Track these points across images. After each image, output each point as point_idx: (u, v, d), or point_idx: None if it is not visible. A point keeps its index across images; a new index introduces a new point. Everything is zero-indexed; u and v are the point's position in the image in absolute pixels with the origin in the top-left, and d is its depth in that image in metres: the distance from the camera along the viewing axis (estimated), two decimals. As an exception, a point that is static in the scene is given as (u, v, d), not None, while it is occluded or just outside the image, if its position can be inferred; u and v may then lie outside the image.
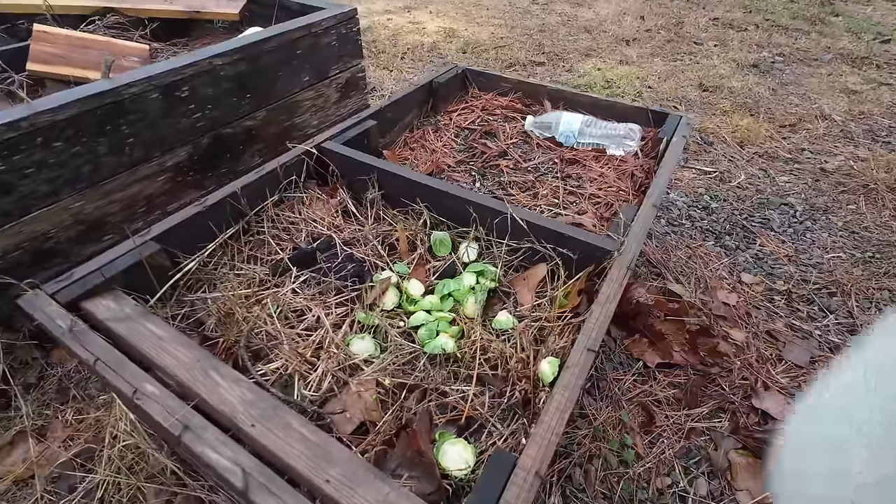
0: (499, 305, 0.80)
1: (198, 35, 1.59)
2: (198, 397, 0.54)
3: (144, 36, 1.47)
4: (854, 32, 3.38)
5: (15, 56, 1.25)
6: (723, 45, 3.12)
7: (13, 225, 0.91)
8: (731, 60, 2.87)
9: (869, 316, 1.23)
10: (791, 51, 3.05)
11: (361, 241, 0.89)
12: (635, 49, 3.02)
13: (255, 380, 0.63)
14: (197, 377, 0.56)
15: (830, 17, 3.68)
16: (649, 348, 1.12)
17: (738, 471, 0.90)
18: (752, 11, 3.79)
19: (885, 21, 3.61)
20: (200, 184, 1.23)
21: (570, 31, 3.24)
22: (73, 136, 0.94)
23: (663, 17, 3.57)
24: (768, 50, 3.05)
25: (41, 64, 1.23)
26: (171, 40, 1.54)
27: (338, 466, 0.48)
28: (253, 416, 0.52)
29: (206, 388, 0.55)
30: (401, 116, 1.24)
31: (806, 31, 3.37)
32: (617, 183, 0.99)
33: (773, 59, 2.92)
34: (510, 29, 3.25)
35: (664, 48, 3.06)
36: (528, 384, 0.65)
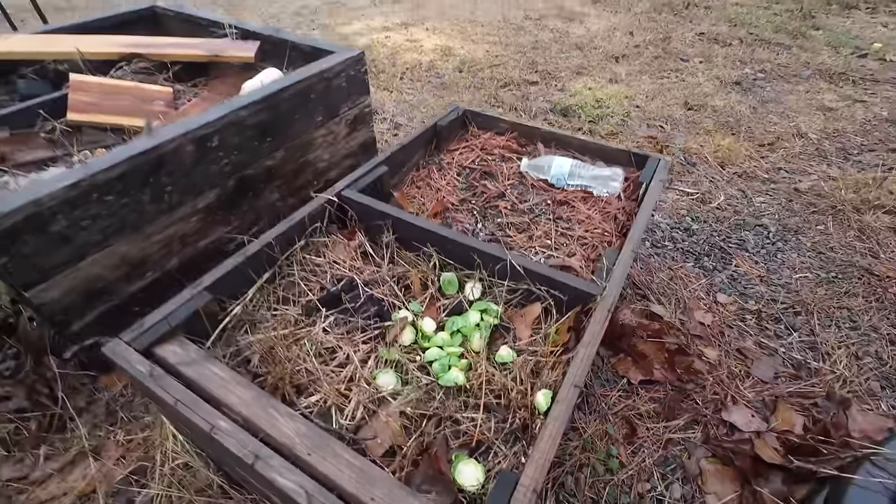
0: (500, 340, 0.94)
1: (216, 74, 1.70)
2: (262, 431, 0.67)
3: (167, 79, 1.58)
4: (833, 46, 3.53)
5: (55, 105, 1.37)
6: (707, 61, 3.27)
7: (71, 271, 1.03)
8: (714, 78, 3.01)
9: (829, 333, 1.38)
10: (772, 66, 3.20)
11: (379, 281, 1.02)
12: (624, 66, 3.16)
13: (301, 412, 0.76)
14: (259, 413, 0.69)
15: (811, 30, 3.83)
16: (633, 366, 1.26)
17: (707, 476, 1.05)
18: (737, 25, 3.94)
19: (863, 34, 3.77)
20: (227, 220, 1.35)
21: (562, 49, 3.37)
22: (123, 189, 1.06)
23: (651, 33, 3.71)
24: (751, 66, 3.20)
25: (79, 113, 1.34)
26: (192, 80, 1.66)
27: (379, 487, 0.62)
28: (308, 446, 0.66)
29: (267, 423, 0.68)
30: (408, 158, 1.37)
31: (787, 46, 3.52)
32: (602, 225, 1.13)
33: (755, 76, 3.07)
34: (504, 46, 3.37)
35: (652, 65, 3.20)
36: (526, 412, 0.79)
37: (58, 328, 1.09)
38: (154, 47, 1.61)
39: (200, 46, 1.64)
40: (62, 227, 0.98)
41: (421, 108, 2.63)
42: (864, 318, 1.42)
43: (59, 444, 1.11)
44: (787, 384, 1.23)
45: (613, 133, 2.43)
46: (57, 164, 1.27)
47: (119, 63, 1.56)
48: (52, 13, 3.81)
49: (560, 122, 2.51)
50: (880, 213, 1.83)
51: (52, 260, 0.99)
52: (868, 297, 1.49)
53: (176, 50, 1.60)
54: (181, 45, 1.65)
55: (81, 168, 1.00)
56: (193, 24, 1.88)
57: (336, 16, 3.97)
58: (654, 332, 1.29)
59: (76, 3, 4.24)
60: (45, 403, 1.16)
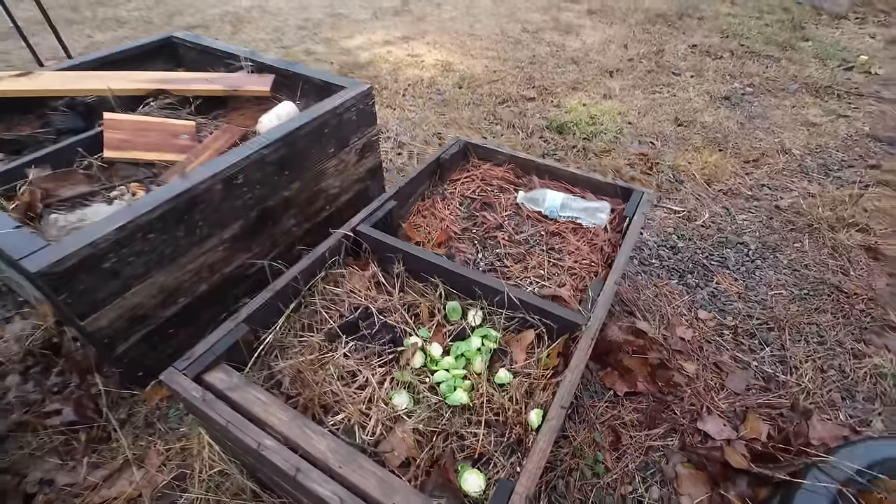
0: (499, 363, 1.07)
1: (233, 106, 1.83)
2: (300, 448, 0.81)
3: (190, 113, 1.71)
4: (821, 58, 3.66)
5: (91, 143, 1.49)
6: (699, 75, 3.39)
7: (117, 301, 1.16)
8: (705, 93, 3.14)
9: (798, 348, 1.51)
10: (761, 80, 3.32)
11: (392, 309, 1.16)
12: (618, 81, 3.28)
13: (329, 429, 0.89)
14: (296, 433, 0.83)
15: (801, 41, 3.95)
16: (619, 379, 1.40)
17: (682, 480, 1.18)
18: (728, 36, 4.05)
19: (851, 45, 3.89)
20: (248, 248, 1.49)
21: (559, 63, 3.49)
22: (162, 227, 1.19)
23: (645, 45, 3.82)
24: (740, 80, 3.32)
25: (114, 150, 1.47)
26: (212, 113, 1.78)
27: (398, 493, 0.75)
28: (339, 460, 0.79)
29: (304, 441, 0.81)
30: (414, 190, 1.49)
31: (776, 59, 3.64)
32: (590, 256, 1.26)
33: (744, 91, 3.19)
34: (503, 61, 3.49)
35: (645, 79, 3.32)
36: (521, 428, 0.92)
37: (104, 350, 1.22)
38: (177, 83, 1.73)
39: (219, 81, 1.76)
40: (112, 264, 1.12)
41: (423, 126, 2.75)
42: (832, 333, 1.55)
43: (106, 453, 1.25)
44: (757, 396, 1.37)
45: (606, 150, 2.55)
46: (96, 199, 1.39)
47: (146, 99, 1.68)
48: (63, 25, 3.91)
49: (555, 140, 2.63)
50: (853, 231, 1.96)
51: (102, 292, 1.12)
52: (836, 313, 1.62)
53: (197, 85, 1.73)
54: (201, 80, 1.77)
55: (127, 210, 1.13)
56: (209, 55, 2.00)
57: (338, 29, 4.08)
58: (639, 348, 1.42)
59: (85, 16, 4.34)
60: (91, 416, 1.30)
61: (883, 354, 1.48)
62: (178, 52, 2.10)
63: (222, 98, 1.81)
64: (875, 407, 1.35)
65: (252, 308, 1.03)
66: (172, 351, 1.36)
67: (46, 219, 1.27)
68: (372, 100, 1.76)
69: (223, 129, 1.68)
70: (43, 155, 1.42)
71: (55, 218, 1.26)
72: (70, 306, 1.07)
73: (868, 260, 1.84)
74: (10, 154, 1.59)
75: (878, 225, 2.00)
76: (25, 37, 2.85)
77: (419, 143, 2.61)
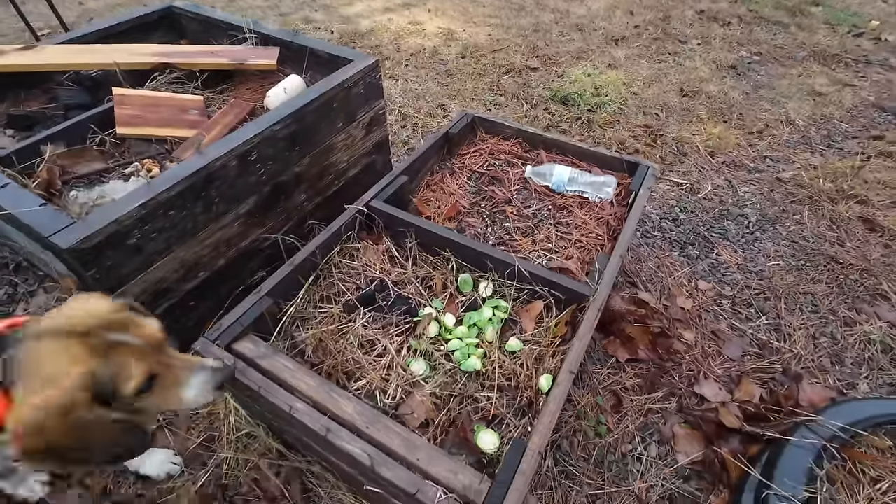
0: (510, 332, 1.13)
1: (240, 80, 1.82)
2: (328, 411, 0.87)
3: (197, 87, 1.71)
4: (831, 24, 3.58)
5: (102, 119, 1.50)
6: (706, 42, 3.33)
7: (141, 276, 1.21)
8: (711, 62, 3.10)
9: (792, 317, 1.58)
10: (769, 48, 3.27)
11: (406, 282, 1.21)
12: (623, 49, 3.23)
13: (353, 394, 0.96)
14: (324, 397, 0.89)
15: (811, 6, 3.86)
16: (621, 347, 1.46)
17: (679, 439, 1.27)
18: (737, 1, 3.96)
19: (862, 10, 3.80)
20: (262, 223, 1.52)
21: (563, 31, 3.42)
22: (182, 203, 1.22)
23: (651, 11, 3.74)
24: (747, 48, 3.27)
25: (126, 127, 1.48)
26: (219, 87, 1.78)
27: (421, 450, 0.82)
28: (365, 422, 0.86)
29: (332, 404, 0.88)
30: (424, 164, 1.52)
31: (785, 25, 3.57)
32: (596, 230, 1.30)
33: (751, 60, 3.15)
34: (506, 29, 3.42)
35: (650, 48, 3.27)
36: (532, 392, 0.99)
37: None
38: (181, 56, 1.72)
39: (224, 54, 1.75)
40: (136, 240, 1.15)
41: (426, 98, 2.73)
42: (825, 302, 1.62)
43: (138, 418, 1.32)
44: (752, 362, 1.44)
45: (610, 122, 2.55)
46: (112, 176, 1.42)
47: (152, 73, 1.67)
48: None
49: (559, 111, 2.62)
50: (852, 203, 2.00)
51: (128, 268, 1.17)
52: (831, 283, 1.68)
53: (202, 59, 1.72)
54: (206, 53, 1.76)
55: (148, 188, 1.16)
56: (211, 26, 1.97)
57: (337, -6, 3.97)
58: (641, 318, 1.48)
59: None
60: (120, 384, 1.36)
61: (873, 322, 1.55)
62: (179, 23, 2.07)
63: (228, 71, 1.80)
64: (862, 371, 1.43)
65: (274, 281, 1.08)
66: (193, 323, 1.42)
67: (66, 196, 1.30)
68: (378, 73, 1.75)
69: (231, 103, 1.69)
70: (56, 132, 1.43)
71: (75, 195, 1.29)
72: (98, 281, 1.12)
73: (865, 231, 1.89)
74: (20, 130, 1.60)
75: (877, 196, 2.04)
76: (18, 5, 2.78)
77: (423, 115, 2.60)
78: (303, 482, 1.17)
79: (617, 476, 1.22)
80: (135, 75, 1.67)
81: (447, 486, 0.78)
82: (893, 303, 1.61)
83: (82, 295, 0.75)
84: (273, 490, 1.14)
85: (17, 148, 1.36)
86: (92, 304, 0.72)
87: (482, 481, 0.79)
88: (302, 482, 1.17)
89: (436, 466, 0.80)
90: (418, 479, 0.78)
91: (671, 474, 1.22)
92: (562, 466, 1.23)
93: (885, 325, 1.54)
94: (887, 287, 1.66)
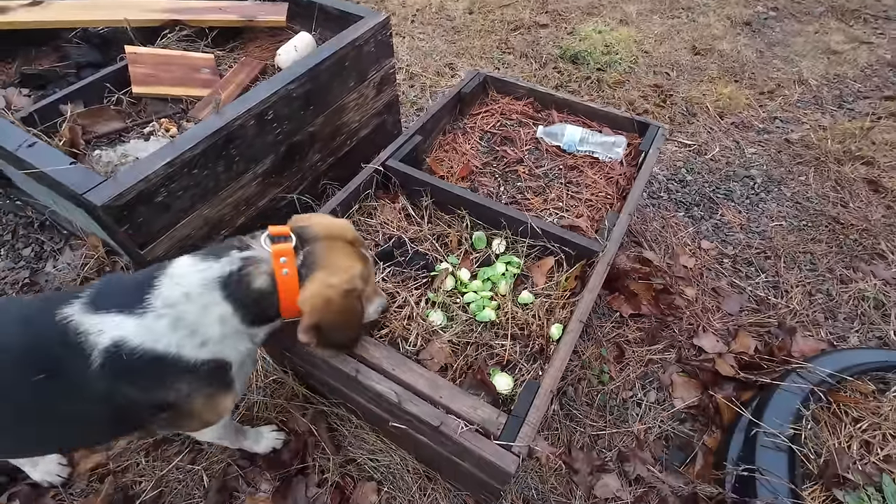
0: (522, 286, 1.19)
1: (249, 37, 1.81)
2: (356, 355, 0.95)
3: (207, 45, 1.70)
4: (852, -23, 3.44)
5: (116, 77, 1.51)
6: (721, -4, 3.22)
7: (169, 232, 1.26)
8: (725, 18, 3.02)
9: (791, 275, 1.64)
10: (786, 2, 3.17)
11: (422, 239, 1.26)
12: (636, 4, 3.13)
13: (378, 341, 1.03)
14: (353, 343, 0.96)
15: (833, -42, 3.69)
16: (625, 303, 1.54)
17: (676, 386, 1.36)
18: (756, -48, 3.78)
19: (885, -38, 3.64)
20: (279, 182, 1.56)
21: (574, -16, 3.30)
22: (204, 162, 1.26)
23: (667, -38, 3.58)
24: (763, 3, 3.17)
25: (142, 86, 1.50)
26: (229, 44, 1.77)
27: (444, 389, 0.90)
28: (392, 365, 0.93)
29: (362, 350, 0.95)
30: (437, 124, 1.54)
31: (805, -22, 3.44)
32: (605, 189, 1.34)
33: (767, 15, 3.06)
34: (515, -17, 3.30)
35: (664, 2, 3.17)
36: (543, 340, 1.06)
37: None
38: (189, 13, 1.70)
39: (233, 10, 1.73)
40: (163, 198, 1.20)
41: (434, 56, 2.69)
42: (824, 261, 1.67)
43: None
44: (749, 316, 1.51)
45: (620, 81, 2.53)
46: (131, 135, 1.45)
47: (162, 30, 1.66)
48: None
49: (569, 70, 2.59)
50: (858, 165, 2.02)
51: (157, 224, 1.22)
52: (830, 243, 1.73)
53: (211, 16, 1.70)
54: (214, 9, 1.73)
55: (172, 147, 1.20)
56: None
57: (339, -55, 3.80)
58: (645, 275, 1.55)
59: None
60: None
61: (868, 280, 1.61)
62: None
63: (237, 29, 1.78)
64: (854, 326, 1.50)
65: (298, 238, 1.13)
66: (217, 278, 1.49)
67: (90, 155, 1.34)
68: (389, 30, 1.74)
69: (242, 62, 1.68)
70: (73, 91, 1.45)
71: (99, 154, 1.32)
72: (131, 237, 1.17)
73: (868, 192, 1.92)
74: (34, 89, 1.61)
75: (883, 158, 2.05)
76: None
77: (431, 74, 2.57)
78: (328, 422, 1.27)
79: (618, 419, 1.32)
80: (144, 33, 1.66)
81: (468, 419, 0.86)
82: (890, 261, 1.67)
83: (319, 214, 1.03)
84: (301, 427, 1.24)
85: (37, 108, 1.39)
86: (341, 221, 0.94)
87: (499, 415, 0.87)
88: (327, 422, 1.27)
89: (457, 403, 0.88)
90: (442, 413, 0.87)
91: (668, 417, 1.32)
92: (567, 410, 1.33)
93: (880, 282, 1.60)
94: (885, 246, 1.71)
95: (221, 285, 0.78)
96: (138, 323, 0.73)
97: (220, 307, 0.78)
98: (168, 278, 0.78)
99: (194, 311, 0.76)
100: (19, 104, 1.50)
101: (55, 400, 0.73)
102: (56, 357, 0.72)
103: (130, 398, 0.75)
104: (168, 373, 0.75)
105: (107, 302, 0.75)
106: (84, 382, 0.72)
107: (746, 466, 1.04)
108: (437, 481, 1.18)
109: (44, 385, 0.71)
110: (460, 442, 0.84)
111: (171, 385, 0.77)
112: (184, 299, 0.76)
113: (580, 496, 1.17)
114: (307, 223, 0.88)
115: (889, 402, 1.13)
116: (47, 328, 0.73)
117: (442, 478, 1.16)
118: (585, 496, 1.18)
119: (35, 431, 0.79)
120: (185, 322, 0.75)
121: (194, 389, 0.79)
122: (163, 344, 0.74)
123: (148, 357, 0.73)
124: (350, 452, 1.23)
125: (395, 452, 1.21)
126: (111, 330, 0.73)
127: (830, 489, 1.01)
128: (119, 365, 0.72)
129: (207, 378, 0.79)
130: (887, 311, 1.53)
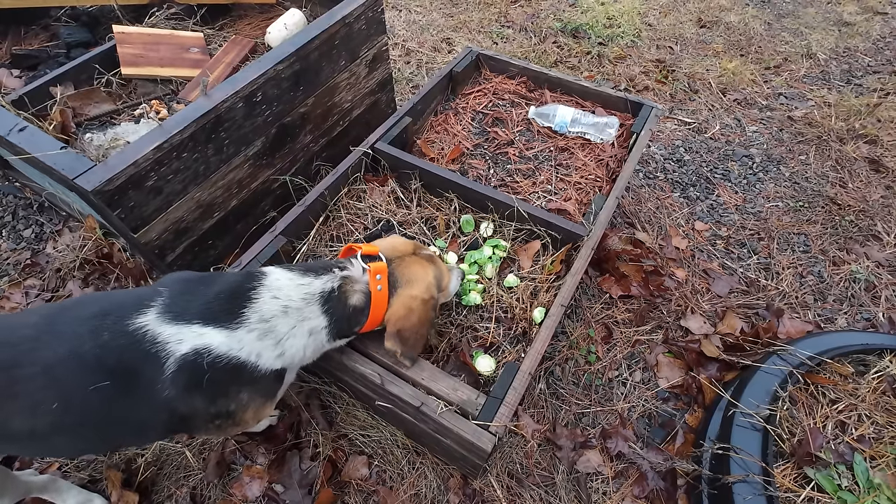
0: (508, 269, 1.21)
1: (238, 14, 1.78)
2: (342, 337, 0.98)
3: (196, 23, 1.67)
4: (871, -58, 3.28)
5: (104, 58, 1.50)
6: (731, -35, 3.09)
7: (162, 216, 1.28)
8: (735, -14, 2.90)
9: (783, 256, 1.64)
10: (799, -30, 3.04)
11: (411, 222, 1.27)
12: (642, -26, 3.02)
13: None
14: (338, 326, 0.99)
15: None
16: (615, 284, 1.55)
17: (661, 366, 1.39)
18: (771, -86, 3.60)
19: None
20: (271, 164, 1.56)
21: (578, -48, 3.18)
22: (194, 146, 1.27)
23: (676, -72, 3.43)
24: (775, -29, 3.03)
25: (131, 67, 1.49)
26: (217, 22, 1.74)
27: (425, 371, 0.93)
28: (375, 347, 0.96)
29: (345, 332, 0.98)
30: (427, 105, 1.52)
31: (821, -57, 3.28)
32: (595, 171, 1.33)
33: (778, -16, 2.94)
34: (517, -49, 3.18)
35: (671, -29, 3.04)
36: (526, 323, 1.08)
37: (155, 259, 1.37)
38: (179, -11, 1.67)
39: (222, -14, 1.70)
40: (154, 182, 1.21)
41: (430, 31, 2.63)
42: (817, 242, 1.67)
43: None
44: (738, 298, 1.52)
45: (622, 57, 2.46)
46: (122, 117, 1.45)
47: (150, 8, 1.64)
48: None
49: (569, 45, 2.52)
50: (861, 143, 1.98)
51: (149, 208, 1.24)
52: (825, 224, 1.72)
53: (200, -8, 1.67)
54: (203, -16, 1.70)
55: (160, 131, 1.20)
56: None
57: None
58: (636, 256, 1.55)
59: None
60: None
61: (861, 261, 1.61)
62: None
63: (227, 6, 1.75)
64: (843, 308, 1.51)
65: (287, 221, 1.15)
66: (212, 259, 1.51)
67: (81, 138, 1.34)
68: (381, 6, 1.70)
69: (232, 41, 1.67)
70: (63, 73, 1.44)
71: (90, 137, 1.33)
72: (124, 220, 1.19)
73: (869, 172, 1.89)
74: (25, 70, 1.61)
75: (888, 136, 2.01)
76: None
77: (427, 49, 2.52)
78: (321, 399, 1.32)
79: (603, 398, 1.36)
80: (132, 10, 1.64)
81: (447, 399, 0.89)
82: (885, 243, 1.66)
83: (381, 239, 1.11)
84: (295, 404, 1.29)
85: (27, 90, 1.39)
86: (399, 238, 1.03)
87: (478, 396, 0.90)
88: (320, 399, 1.32)
89: (438, 384, 0.91)
90: (422, 394, 0.90)
91: (652, 396, 1.35)
92: (553, 389, 1.36)
93: (873, 264, 1.60)
94: (881, 228, 1.70)
95: (322, 300, 0.83)
96: (229, 335, 0.75)
97: (316, 321, 0.82)
98: (267, 291, 0.80)
99: (288, 323, 0.79)
100: (10, 85, 1.51)
101: (118, 405, 0.73)
102: (127, 364, 0.72)
103: (193, 406, 0.75)
104: (241, 381, 0.77)
105: (187, 313, 0.75)
106: (153, 390, 0.72)
107: (722, 444, 1.07)
108: (425, 456, 1.22)
109: (110, 390, 0.71)
110: (440, 421, 0.87)
111: (237, 394, 0.78)
112: (281, 312, 0.79)
113: (563, 471, 1.22)
114: (376, 249, 0.95)
115: (868, 384, 1.15)
116: (119, 335, 0.72)
117: (430, 453, 1.21)
118: (568, 471, 1.22)
119: (91, 434, 0.78)
120: (274, 333, 0.78)
121: (251, 398, 0.80)
122: (246, 352, 0.76)
123: (230, 365, 0.74)
124: (342, 428, 1.28)
125: (385, 429, 1.26)
126: (192, 339, 0.73)
127: (802, 467, 1.04)
128: (195, 373, 0.72)
129: (266, 387, 0.81)
130: (878, 292, 1.53)
